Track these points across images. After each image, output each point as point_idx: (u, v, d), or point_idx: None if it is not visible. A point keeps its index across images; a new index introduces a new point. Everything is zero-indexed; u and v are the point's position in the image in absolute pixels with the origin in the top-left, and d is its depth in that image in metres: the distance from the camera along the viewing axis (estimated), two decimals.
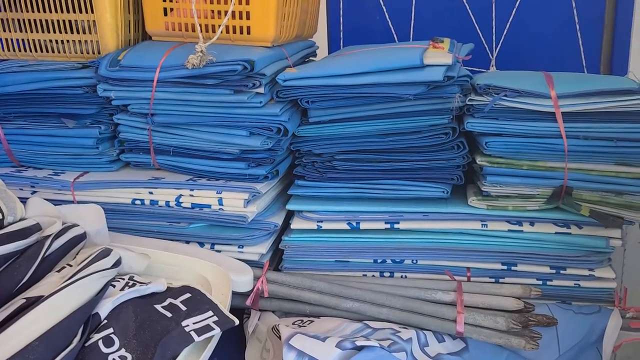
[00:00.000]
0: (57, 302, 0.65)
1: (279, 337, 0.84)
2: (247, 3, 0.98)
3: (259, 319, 0.94)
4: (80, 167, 1.06)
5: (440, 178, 0.97)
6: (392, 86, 0.91)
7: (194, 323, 0.72)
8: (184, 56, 0.94)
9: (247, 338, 0.90)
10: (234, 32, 1.00)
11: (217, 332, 0.71)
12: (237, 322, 0.74)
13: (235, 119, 0.96)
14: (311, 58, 1.28)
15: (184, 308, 0.75)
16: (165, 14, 1.03)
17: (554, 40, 1.29)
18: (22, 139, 1.06)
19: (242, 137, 0.97)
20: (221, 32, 0.94)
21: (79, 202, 1.02)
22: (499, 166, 0.93)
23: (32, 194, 1.04)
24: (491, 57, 1.33)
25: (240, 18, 0.99)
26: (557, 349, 0.90)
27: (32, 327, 0.61)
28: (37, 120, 1.05)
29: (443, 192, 0.96)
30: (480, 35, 1.31)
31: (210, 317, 0.73)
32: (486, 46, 1.33)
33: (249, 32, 1.00)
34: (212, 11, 1.00)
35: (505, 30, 1.30)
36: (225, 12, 0.98)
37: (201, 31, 0.93)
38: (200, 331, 0.70)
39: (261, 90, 0.94)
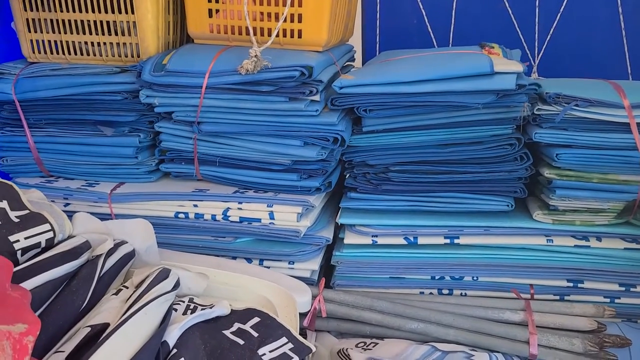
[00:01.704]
0: (129, 331, 0.59)
1: None
2: (300, 5, 0.93)
3: (315, 340, 0.89)
4: (116, 178, 1.00)
5: (502, 191, 0.93)
6: (459, 95, 0.86)
7: (270, 351, 0.66)
8: (233, 61, 0.88)
9: None
10: (284, 35, 0.95)
11: None
12: (314, 349, 0.68)
13: (289, 128, 0.91)
14: (350, 63, 1.23)
15: (255, 334, 0.69)
16: (210, 16, 0.97)
17: (598, 46, 1.26)
18: (53, 147, 1.00)
19: (296, 147, 0.91)
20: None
21: (116, 216, 0.96)
22: (568, 179, 0.89)
23: (65, 206, 0.97)
24: (533, 63, 1.29)
25: (292, 21, 0.94)
26: None
27: (111, 359, 0.54)
28: (70, 128, 0.99)
29: (507, 205, 0.92)
30: (523, 40, 1.28)
31: (285, 344, 0.68)
32: (528, 52, 1.29)
33: (300, 36, 0.95)
34: (261, 13, 0.95)
35: (549, 36, 1.26)
36: (276, 15, 0.93)
37: (255, 34, 0.88)
38: None
39: (317, 97, 0.89)
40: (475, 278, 0.94)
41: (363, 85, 0.89)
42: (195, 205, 0.94)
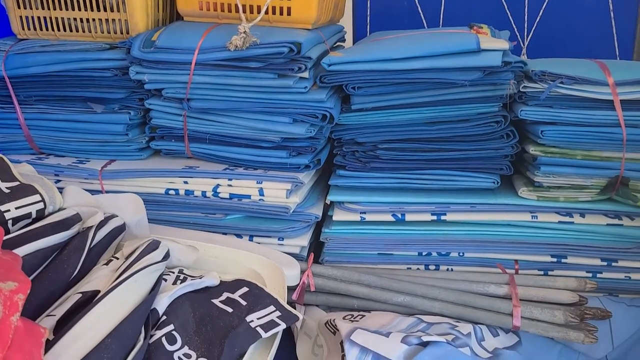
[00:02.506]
0: (118, 297, 0.61)
1: (333, 333, 0.80)
2: None
3: (304, 314, 0.90)
4: (106, 155, 1.01)
5: (488, 168, 0.94)
6: (446, 71, 0.87)
7: (257, 318, 0.68)
8: (223, 37, 0.89)
9: (296, 334, 0.86)
10: (273, 13, 0.95)
11: (282, 327, 0.67)
12: (301, 317, 0.70)
13: (278, 105, 0.92)
14: (340, 43, 1.23)
15: (244, 303, 0.70)
16: None
17: (587, 28, 1.27)
18: (44, 124, 1.00)
19: (285, 124, 0.92)
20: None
21: (107, 192, 0.96)
22: (552, 156, 0.90)
23: (56, 182, 0.98)
24: (522, 45, 1.31)
25: None
26: (611, 342, 0.88)
27: (100, 323, 0.56)
28: (60, 105, 0.99)
29: (493, 182, 0.94)
30: (512, 22, 1.28)
31: (273, 312, 0.69)
32: (517, 34, 1.30)
33: (289, 13, 0.95)
34: None
35: (538, 17, 1.27)
36: None
37: (244, 11, 0.88)
38: (266, 327, 0.66)
39: (306, 74, 0.89)
40: (461, 254, 0.96)
41: (352, 62, 0.90)
42: (186, 182, 0.95)
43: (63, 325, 0.55)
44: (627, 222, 0.92)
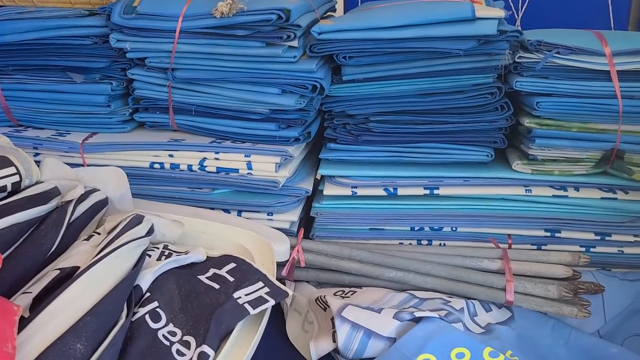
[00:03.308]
0: (99, 273, 0.58)
1: (324, 309, 0.79)
2: None
3: (294, 290, 0.88)
4: (88, 128, 0.97)
5: (482, 141, 0.92)
6: (441, 40, 0.84)
7: (245, 295, 0.65)
8: (208, 4, 0.85)
9: (285, 310, 0.84)
10: None
11: (271, 303, 0.65)
12: (290, 292, 0.68)
13: (266, 75, 0.88)
14: (330, 13, 1.19)
15: (231, 279, 0.68)
16: None
17: None
18: (22, 95, 0.96)
19: (274, 95, 0.89)
20: None
21: (89, 165, 0.93)
22: (548, 128, 0.88)
23: (34, 156, 0.94)
24: (517, 16, 1.28)
25: None
26: (603, 317, 0.87)
27: (79, 300, 0.53)
28: (38, 75, 0.95)
29: (487, 155, 0.91)
30: None
31: (261, 288, 0.67)
32: (512, 4, 1.27)
33: None
34: None
35: None
36: None
37: None
38: (254, 303, 0.64)
39: (295, 43, 0.86)
40: (454, 228, 0.94)
41: (342, 30, 0.86)
42: (171, 155, 0.92)
43: (40, 303, 0.52)
44: (621, 195, 0.90)
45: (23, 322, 0.48)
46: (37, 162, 0.75)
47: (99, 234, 0.70)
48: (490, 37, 0.83)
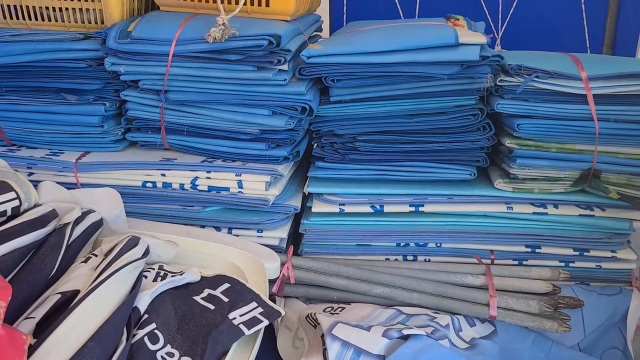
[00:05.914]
0: (99, 297, 0.60)
1: (314, 326, 0.81)
2: None
3: (284, 306, 0.91)
4: (81, 147, 0.99)
5: (465, 160, 0.96)
6: (425, 65, 0.88)
7: (240, 315, 0.68)
8: (201, 29, 0.87)
9: (276, 327, 0.86)
10: (252, 4, 0.94)
11: (265, 324, 0.68)
12: (283, 312, 0.70)
13: (257, 97, 0.91)
14: (316, 33, 1.22)
15: (225, 299, 0.70)
16: None
17: (559, 20, 1.29)
18: (15, 115, 0.97)
19: (264, 116, 0.91)
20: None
21: (82, 185, 0.95)
22: (528, 149, 0.92)
23: (29, 175, 0.96)
24: (497, 36, 1.32)
25: None
26: (583, 330, 0.91)
27: (82, 325, 0.55)
28: (32, 96, 0.97)
29: (470, 174, 0.95)
30: (487, 13, 1.30)
31: (255, 308, 0.70)
32: (492, 25, 1.31)
33: (267, 4, 0.94)
34: None
35: (512, 9, 1.28)
36: None
37: (222, 2, 0.87)
38: (249, 324, 0.67)
39: (285, 67, 0.89)
40: (438, 244, 0.97)
41: (331, 55, 0.89)
42: (163, 175, 0.94)
43: (43, 328, 0.54)
44: (599, 212, 0.94)
45: (30, 349, 0.50)
46: (34, 182, 0.77)
47: (96, 255, 0.72)
48: (472, 62, 0.87)
